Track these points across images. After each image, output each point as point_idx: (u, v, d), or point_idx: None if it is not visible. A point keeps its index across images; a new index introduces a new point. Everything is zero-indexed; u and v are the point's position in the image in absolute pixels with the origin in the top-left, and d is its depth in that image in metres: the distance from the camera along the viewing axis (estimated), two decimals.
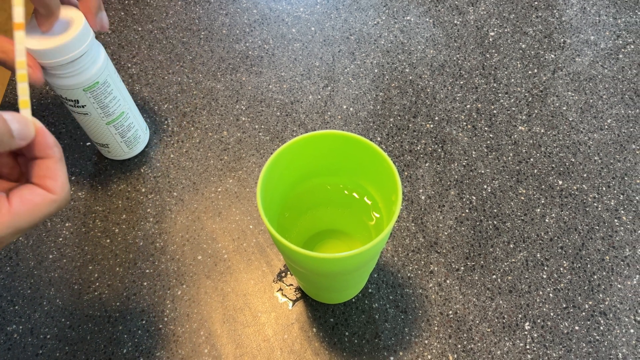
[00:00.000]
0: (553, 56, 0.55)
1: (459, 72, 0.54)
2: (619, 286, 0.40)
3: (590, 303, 0.40)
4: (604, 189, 0.45)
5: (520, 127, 0.49)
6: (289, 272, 0.42)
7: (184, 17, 0.59)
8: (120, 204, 0.46)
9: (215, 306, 0.40)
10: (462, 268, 0.41)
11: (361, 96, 0.52)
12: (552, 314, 0.39)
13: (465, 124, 0.50)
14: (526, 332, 0.39)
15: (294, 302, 0.40)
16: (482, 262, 0.42)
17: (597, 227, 0.43)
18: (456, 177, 0.46)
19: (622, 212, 0.44)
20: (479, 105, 0.51)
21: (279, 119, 0.51)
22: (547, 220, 0.44)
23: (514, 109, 0.51)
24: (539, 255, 0.42)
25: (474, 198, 0.45)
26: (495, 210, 0.44)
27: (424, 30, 0.57)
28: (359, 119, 0.50)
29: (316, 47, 0.56)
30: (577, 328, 0.39)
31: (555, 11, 0.58)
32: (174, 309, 0.40)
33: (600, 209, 0.44)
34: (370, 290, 0.41)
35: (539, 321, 0.39)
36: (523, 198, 0.45)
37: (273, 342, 0.39)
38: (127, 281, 0.42)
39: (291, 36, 0.57)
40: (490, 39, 0.56)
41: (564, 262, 0.42)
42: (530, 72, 0.53)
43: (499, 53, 0.55)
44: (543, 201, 0.45)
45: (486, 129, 0.49)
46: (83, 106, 0.40)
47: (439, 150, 0.48)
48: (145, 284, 0.41)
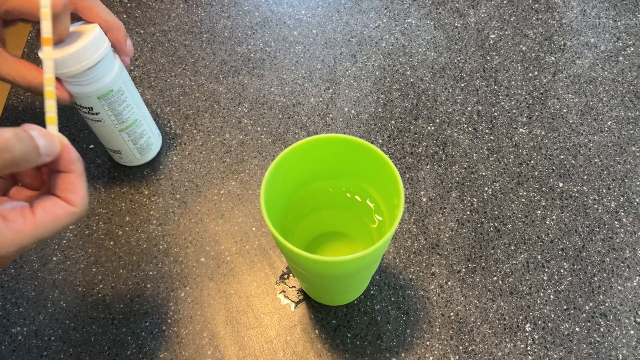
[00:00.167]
0: (553, 59, 0.55)
1: (460, 74, 0.54)
2: (619, 288, 0.41)
3: (591, 304, 0.40)
4: (605, 191, 0.46)
5: (520, 130, 0.50)
6: (291, 274, 0.42)
7: (186, 20, 0.59)
8: (123, 206, 0.46)
9: (219, 308, 0.41)
10: (464, 270, 0.42)
11: (362, 99, 0.52)
12: (552, 315, 0.40)
13: (466, 126, 0.50)
14: (527, 334, 0.39)
15: (296, 304, 0.41)
16: (483, 264, 0.42)
17: (598, 229, 0.44)
18: (457, 179, 0.47)
19: (623, 214, 0.44)
20: (480, 108, 0.51)
21: (281, 122, 0.51)
22: (547, 222, 0.44)
23: (514, 111, 0.51)
24: (539, 257, 0.42)
25: (475, 200, 0.45)
26: (496, 212, 0.45)
27: (425, 33, 0.57)
28: (360, 122, 0.50)
29: (318, 49, 0.56)
30: (577, 329, 0.39)
31: (555, 14, 0.59)
32: (177, 311, 0.40)
33: (600, 211, 0.45)
34: (372, 292, 0.41)
35: (539, 322, 0.39)
36: (524, 200, 0.45)
37: (276, 343, 0.39)
38: (130, 283, 0.42)
39: (293, 39, 0.57)
40: (491, 42, 0.56)
41: (565, 263, 0.42)
42: (530, 75, 0.54)
43: (500, 55, 0.55)
44: (544, 203, 0.45)
45: (487, 131, 0.50)
46: (97, 113, 0.40)
47: (440, 153, 0.48)
48: (149, 286, 0.42)
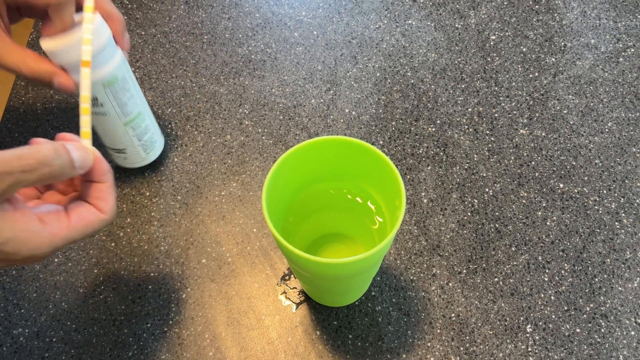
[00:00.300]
0: (554, 60, 0.55)
1: (461, 75, 0.54)
2: (619, 289, 0.41)
3: (592, 305, 0.40)
4: (605, 192, 0.46)
5: (521, 131, 0.50)
6: (292, 275, 0.42)
7: (187, 21, 0.59)
8: (124, 207, 0.46)
9: (220, 309, 0.41)
10: (464, 271, 0.42)
11: (363, 100, 0.52)
12: (553, 316, 0.40)
13: (466, 127, 0.50)
14: (528, 335, 0.39)
15: (297, 305, 0.41)
16: (484, 265, 0.42)
17: (598, 230, 0.44)
18: (458, 180, 0.47)
19: (623, 215, 0.44)
20: (481, 109, 0.51)
21: (281, 123, 0.51)
22: (548, 223, 0.44)
23: (515, 112, 0.51)
24: (540, 258, 0.42)
25: (476, 201, 0.45)
26: (497, 214, 0.45)
27: (426, 34, 0.57)
28: (361, 123, 0.51)
29: (318, 51, 0.56)
30: (578, 330, 0.39)
31: (555, 15, 0.59)
32: (178, 312, 0.41)
33: (601, 212, 0.45)
34: (373, 293, 0.41)
35: (540, 324, 0.39)
36: (524, 201, 0.45)
37: (277, 344, 0.39)
38: (132, 284, 0.42)
39: (293, 40, 0.57)
40: (492, 43, 0.57)
41: (565, 264, 0.42)
42: (531, 76, 0.54)
43: (500, 57, 0.55)
44: (544, 204, 0.45)
45: (487, 132, 0.50)
46: (101, 105, 0.40)
47: (441, 154, 0.48)
48: (150, 287, 0.42)
